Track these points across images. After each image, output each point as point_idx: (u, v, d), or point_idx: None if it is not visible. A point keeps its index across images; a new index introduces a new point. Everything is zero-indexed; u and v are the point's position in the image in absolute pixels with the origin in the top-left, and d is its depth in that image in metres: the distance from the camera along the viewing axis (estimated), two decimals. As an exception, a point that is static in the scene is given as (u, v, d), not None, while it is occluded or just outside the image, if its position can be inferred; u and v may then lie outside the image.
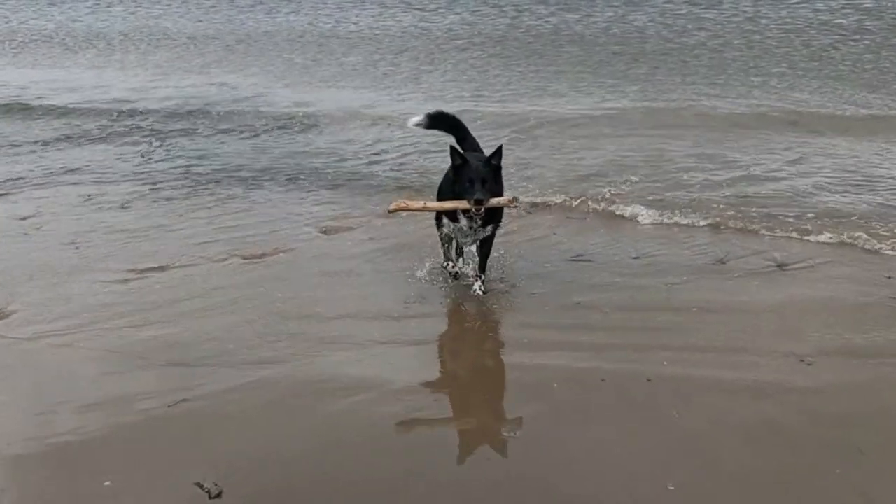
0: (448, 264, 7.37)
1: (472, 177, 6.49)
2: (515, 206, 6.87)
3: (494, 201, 6.59)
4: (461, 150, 6.82)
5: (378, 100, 16.22)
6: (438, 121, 7.65)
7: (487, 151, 6.94)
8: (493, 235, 7.04)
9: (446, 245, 7.34)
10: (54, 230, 9.28)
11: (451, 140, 7.36)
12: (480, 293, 7.05)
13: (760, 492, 4.48)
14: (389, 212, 6.92)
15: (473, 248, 7.26)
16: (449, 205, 6.75)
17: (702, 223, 8.60)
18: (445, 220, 6.99)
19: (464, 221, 6.82)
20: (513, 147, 11.64)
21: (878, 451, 4.76)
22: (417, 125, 7.65)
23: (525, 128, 13.14)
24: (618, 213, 9.09)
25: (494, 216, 6.91)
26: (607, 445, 4.92)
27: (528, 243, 8.28)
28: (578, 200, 9.47)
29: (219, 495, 4.48)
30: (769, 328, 6.29)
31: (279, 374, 5.83)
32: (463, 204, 6.57)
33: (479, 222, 6.78)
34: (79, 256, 8.35)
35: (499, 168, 6.69)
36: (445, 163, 6.92)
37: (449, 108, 8.02)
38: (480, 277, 7.16)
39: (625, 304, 6.82)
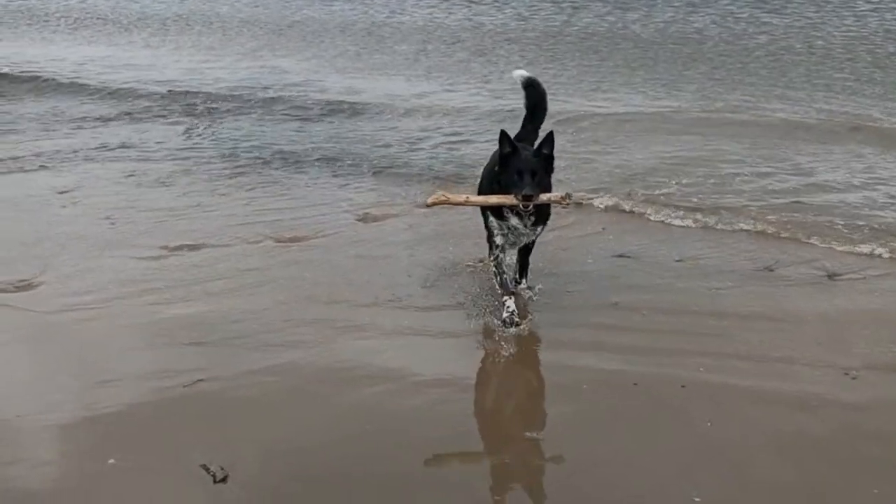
0: (508, 300, 6.21)
1: (521, 168, 5.74)
2: (568, 204, 6.05)
3: (545, 197, 5.85)
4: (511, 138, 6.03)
5: (428, 89, 16.01)
6: (531, 87, 6.91)
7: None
8: (538, 235, 6.44)
9: (502, 267, 6.36)
10: (92, 204, 9.26)
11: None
12: (533, 297, 6.64)
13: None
14: (427, 205, 6.08)
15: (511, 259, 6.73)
16: (494, 199, 5.98)
17: (751, 228, 8.27)
18: (493, 222, 6.22)
19: (514, 220, 6.06)
20: (561, 142, 11.37)
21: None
22: (519, 77, 6.93)
23: (575, 123, 12.81)
24: (665, 214, 8.78)
25: (545, 214, 6.25)
26: (634, 451, 4.71)
27: (576, 239, 8.04)
28: (626, 199, 9.20)
29: (223, 480, 4.35)
30: (814, 339, 5.99)
31: (301, 358, 5.70)
32: (509, 199, 5.81)
33: (532, 219, 6.05)
34: (113, 231, 8.30)
35: (551, 158, 5.96)
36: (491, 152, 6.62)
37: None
38: (521, 282, 6.72)
39: (664, 306, 6.55)
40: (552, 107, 6.98)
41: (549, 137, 5.95)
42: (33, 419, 5.05)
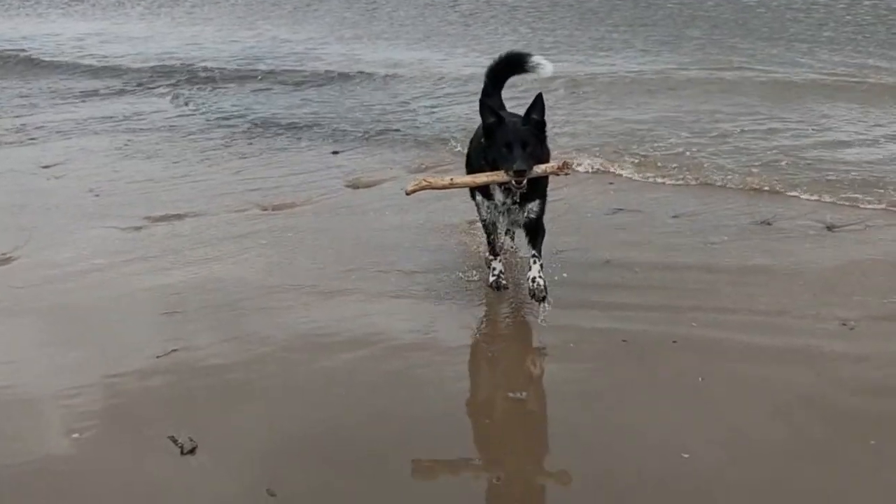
0: (492, 260, 5.90)
1: (510, 139, 5.16)
2: (567, 174, 5.37)
3: (539, 169, 5.26)
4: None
5: (427, 55, 15.82)
6: (520, 64, 6.32)
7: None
8: (541, 214, 5.67)
9: (491, 233, 5.93)
10: (78, 177, 9.12)
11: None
12: (540, 282, 5.49)
13: (782, 463, 4.02)
14: (408, 193, 5.45)
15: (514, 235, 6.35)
16: (482, 178, 5.39)
17: (750, 185, 8.06)
18: (479, 198, 5.75)
19: (498, 196, 5.51)
20: (561, 103, 11.26)
21: (921, 424, 4.28)
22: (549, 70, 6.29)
23: (574, 83, 12.59)
24: (663, 171, 8.60)
25: (538, 189, 5.57)
26: (620, 409, 4.51)
27: (572, 197, 7.83)
28: (624, 157, 9.05)
29: (192, 451, 4.16)
30: (812, 290, 5.77)
31: (279, 325, 5.50)
32: (499, 176, 5.26)
33: (518, 198, 5.46)
34: (97, 203, 8.16)
35: (542, 125, 5.34)
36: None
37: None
38: (537, 259, 5.62)
39: (658, 262, 6.34)
40: (555, 66, 6.64)
41: (538, 101, 5.29)
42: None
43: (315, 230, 7.24)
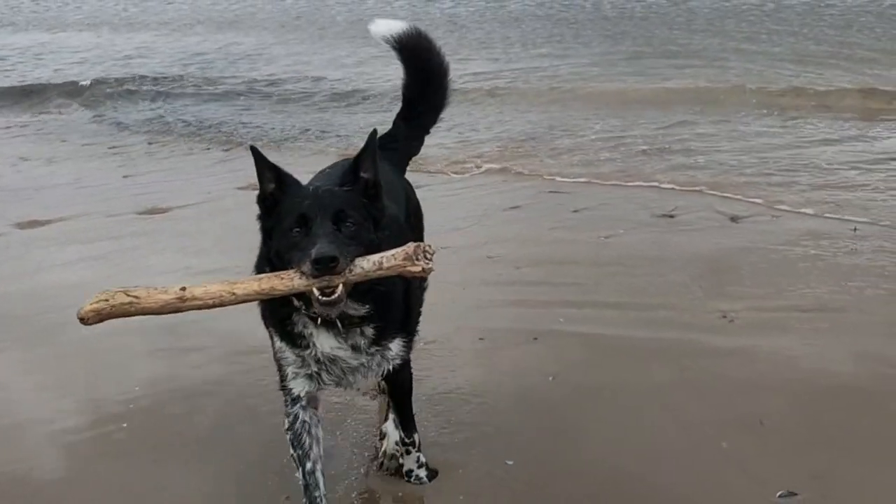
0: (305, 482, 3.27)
1: (304, 211, 2.81)
2: (426, 272, 2.80)
3: (368, 264, 2.78)
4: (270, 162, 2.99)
5: (364, 59, 15.47)
6: (412, 48, 3.97)
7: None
8: (405, 358, 3.31)
9: (304, 442, 3.25)
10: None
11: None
12: (424, 480, 3.55)
13: (617, 470, 3.55)
14: (83, 319, 2.74)
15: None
16: (246, 286, 2.86)
17: (659, 182, 7.68)
18: (281, 347, 3.16)
19: (323, 339, 3.04)
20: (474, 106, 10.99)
21: (780, 423, 3.82)
22: (384, 37, 3.90)
23: (496, 87, 12.31)
24: (568, 169, 8.32)
25: (391, 302, 3.09)
26: (461, 411, 4.04)
27: (468, 190, 7.67)
28: (531, 155, 8.87)
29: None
30: (700, 282, 5.36)
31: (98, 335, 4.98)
32: (286, 281, 2.79)
33: (358, 326, 3.03)
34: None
35: (376, 188, 2.99)
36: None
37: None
38: (406, 443, 3.55)
39: (543, 257, 5.96)
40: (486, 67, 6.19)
41: (369, 146, 2.99)
42: None
43: (185, 234, 6.86)
